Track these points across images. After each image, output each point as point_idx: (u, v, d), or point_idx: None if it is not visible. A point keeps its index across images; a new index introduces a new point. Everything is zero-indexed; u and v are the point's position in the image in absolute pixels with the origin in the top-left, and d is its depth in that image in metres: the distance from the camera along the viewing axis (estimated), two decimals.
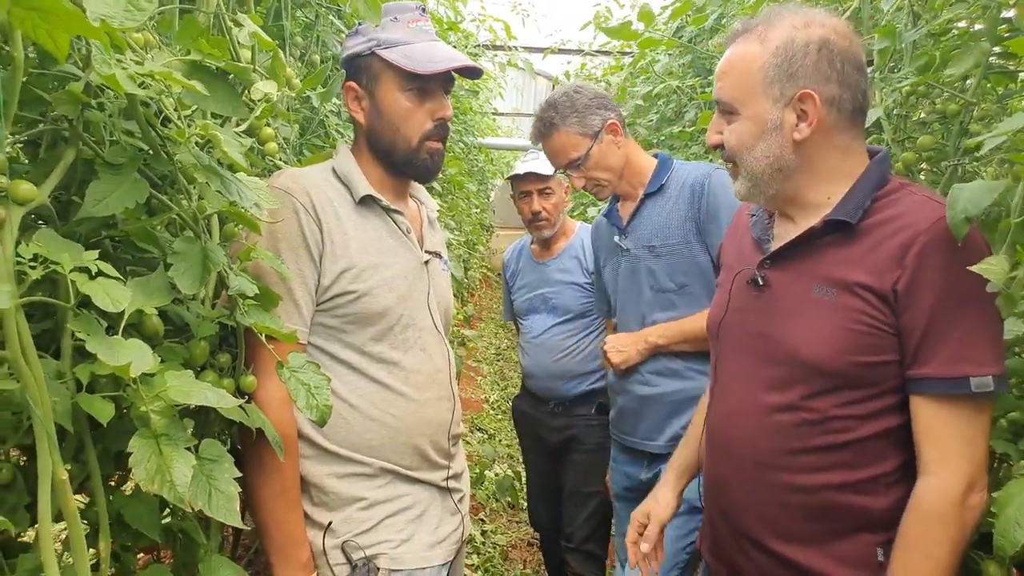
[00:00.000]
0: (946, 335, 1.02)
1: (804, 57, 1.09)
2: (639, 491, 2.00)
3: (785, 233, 1.20)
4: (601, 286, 2.24)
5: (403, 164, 1.36)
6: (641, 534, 1.48)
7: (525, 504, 3.05)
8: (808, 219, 1.16)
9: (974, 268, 0.93)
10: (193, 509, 0.91)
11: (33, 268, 0.75)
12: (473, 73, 1.37)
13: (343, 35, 1.91)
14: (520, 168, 2.62)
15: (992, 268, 0.92)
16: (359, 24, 1.37)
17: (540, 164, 2.58)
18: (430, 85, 1.33)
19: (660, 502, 1.49)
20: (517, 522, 3.79)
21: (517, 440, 3.07)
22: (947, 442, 1.02)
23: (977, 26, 1.33)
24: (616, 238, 2.02)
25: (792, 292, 1.15)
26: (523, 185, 2.61)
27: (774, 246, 1.21)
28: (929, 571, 1.01)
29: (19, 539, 0.97)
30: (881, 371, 1.07)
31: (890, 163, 1.16)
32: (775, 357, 1.16)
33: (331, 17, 1.88)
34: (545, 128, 1.95)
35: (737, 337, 1.25)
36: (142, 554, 1.20)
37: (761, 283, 1.20)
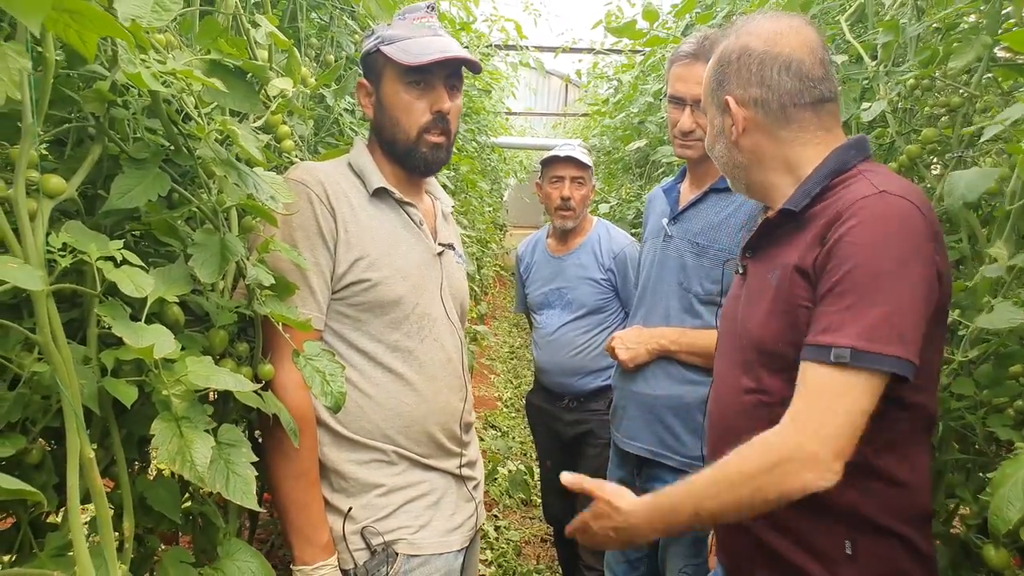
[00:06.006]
0: (834, 305, 1.00)
1: (727, 66, 1.20)
2: None
3: None
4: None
5: (403, 156, 1.38)
6: None
7: (538, 500, 3.06)
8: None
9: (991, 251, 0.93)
10: (212, 492, 0.94)
11: (63, 257, 0.79)
12: (470, 66, 1.38)
13: (357, 36, 1.94)
14: (561, 151, 2.57)
15: (1002, 252, 0.93)
16: (375, 25, 1.41)
17: (580, 152, 2.57)
18: (430, 78, 1.34)
19: None
20: (531, 518, 3.81)
21: (530, 436, 3.08)
22: (806, 401, 1.00)
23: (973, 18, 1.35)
24: (664, 220, 1.88)
25: (757, 278, 1.21)
26: (559, 169, 2.58)
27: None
28: (726, 484, 1.02)
29: (47, 520, 1.02)
30: None
31: (862, 150, 1.15)
32: (741, 341, 1.21)
33: (345, 18, 1.92)
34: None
35: (725, 323, 1.32)
36: (163, 544, 1.23)
37: (742, 271, 1.28)
